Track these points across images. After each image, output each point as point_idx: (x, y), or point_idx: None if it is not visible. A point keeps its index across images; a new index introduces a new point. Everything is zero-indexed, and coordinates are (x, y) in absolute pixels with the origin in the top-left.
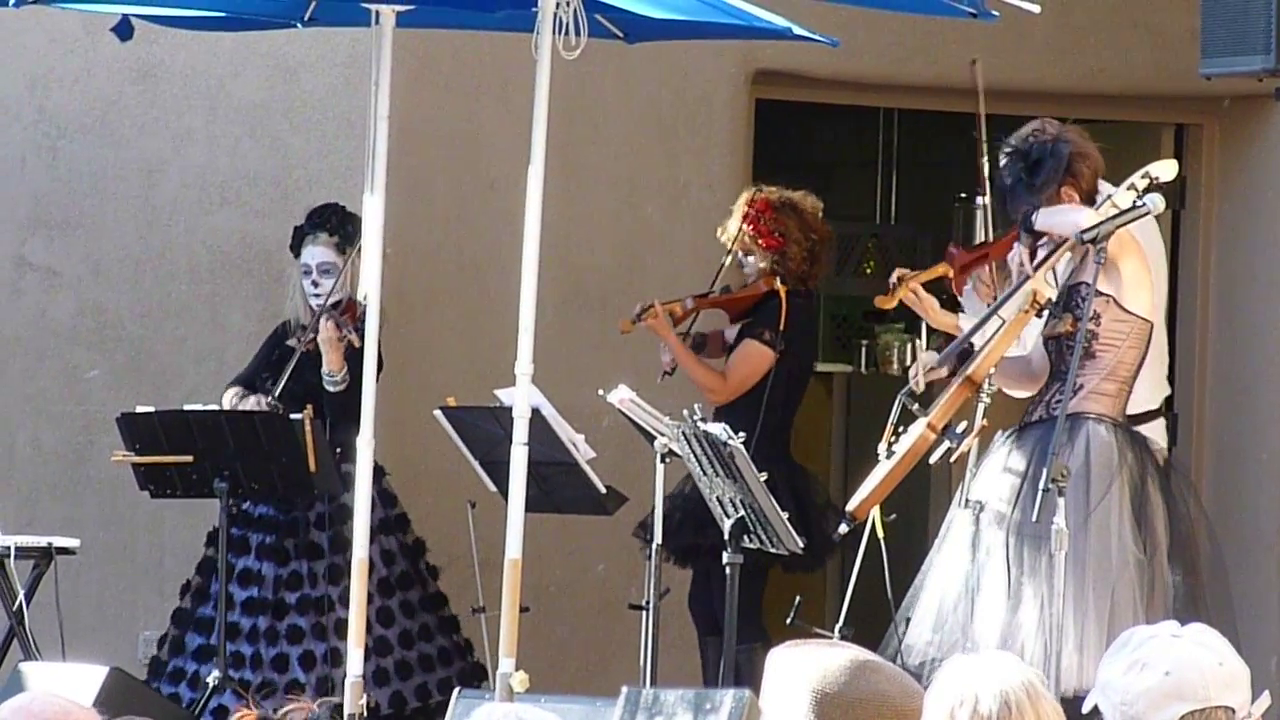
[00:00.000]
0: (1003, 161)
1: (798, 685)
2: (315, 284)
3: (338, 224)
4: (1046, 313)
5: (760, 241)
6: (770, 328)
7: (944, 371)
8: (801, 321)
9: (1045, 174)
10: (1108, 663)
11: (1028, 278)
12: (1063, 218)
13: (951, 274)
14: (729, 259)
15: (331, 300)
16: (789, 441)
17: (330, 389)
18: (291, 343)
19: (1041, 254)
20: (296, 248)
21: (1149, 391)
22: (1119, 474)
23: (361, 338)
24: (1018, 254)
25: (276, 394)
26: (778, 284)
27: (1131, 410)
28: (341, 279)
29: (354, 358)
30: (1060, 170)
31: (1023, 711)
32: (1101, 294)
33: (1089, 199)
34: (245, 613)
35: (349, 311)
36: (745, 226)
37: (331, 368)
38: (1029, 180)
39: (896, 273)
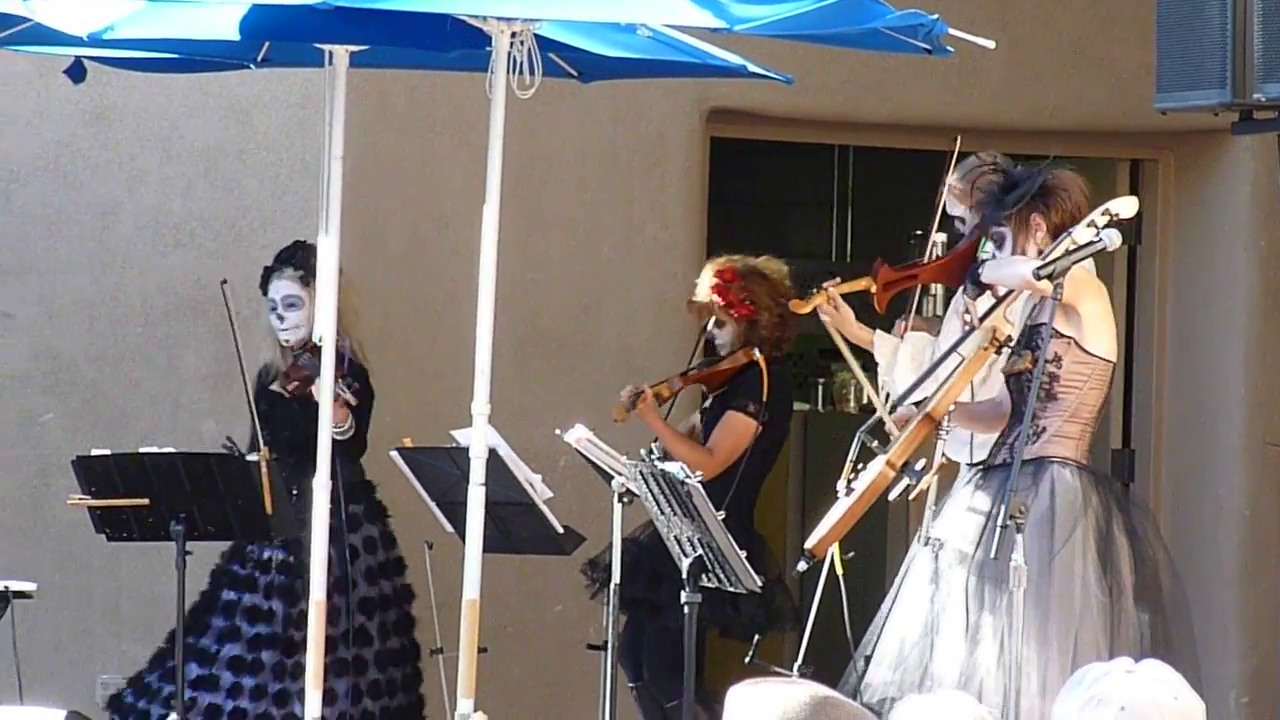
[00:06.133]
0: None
1: None
2: (280, 318)
3: (303, 258)
4: (1006, 350)
5: (732, 311)
6: (753, 399)
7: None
8: (781, 391)
9: (1016, 195)
10: (1063, 700)
11: (973, 329)
12: (1010, 269)
13: (874, 289)
14: (701, 338)
15: (299, 336)
16: (754, 511)
17: (336, 438)
18: (275, 388)
19: (990, 302)
20: (265, 286)
21: None
22: (1084, 516)
23: (355, 395)
24: (962, 304)
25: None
26: (756, 354)
27: None
28: (305, 310)
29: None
30: (1030, 192)
31: None
32: (1062, 336)
33: (1056, 233)
34: (251, 649)
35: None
36: (715, 298)
37: (335, 421)
38: (1001, 196)
39: (824, 285)
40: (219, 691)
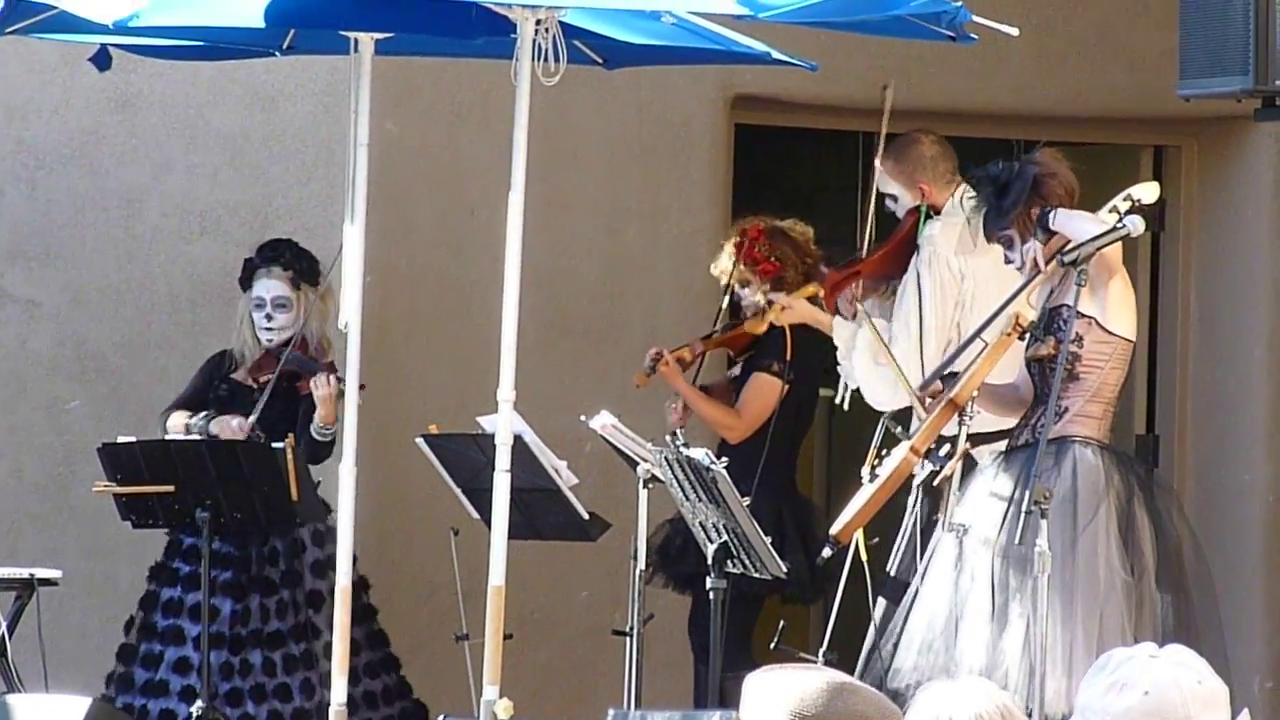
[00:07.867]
0: (975, 189)
1: (775, 709)
2: (269, 317)
3: (292, 258)
4: (1029, 336)
5: (757, 268)
6: (777, 358)
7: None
8: (806, 350)
9: (1012, 196)
10: (1087, 685)
11: (1039, 273)
12: (1079, 224)
13: (822, 293)
14: (726, 298)
15: (283, 337)
16: (794, 472)
17: (320, 439)
18: (238, 376)
19: (1020, 281)
20: (246, 281)
21: None
22: (1106, 496)
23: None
24: (1033, 250)
25: (253, 419)
26: None
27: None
28: (295, 313)
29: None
30: (1026, 191)
31: None
32: (1084, 316)
33: None
34: (196, 648)
35: (302, 349)
36: (739, 256)
37: (326, 422)
38: (997, 204)
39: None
40: (170, 696)
